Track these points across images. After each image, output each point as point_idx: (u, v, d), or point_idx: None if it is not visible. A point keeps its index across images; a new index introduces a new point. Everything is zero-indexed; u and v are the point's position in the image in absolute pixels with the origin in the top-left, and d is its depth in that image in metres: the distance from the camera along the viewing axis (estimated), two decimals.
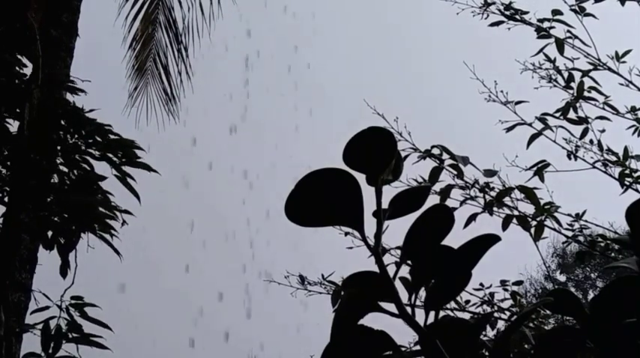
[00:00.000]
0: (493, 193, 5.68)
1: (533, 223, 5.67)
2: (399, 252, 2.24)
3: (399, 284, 1.24)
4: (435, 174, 5.36)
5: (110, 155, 5.30)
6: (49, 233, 5.12)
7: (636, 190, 6.09)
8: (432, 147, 5.46)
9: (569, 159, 6.37)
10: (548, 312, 5.57)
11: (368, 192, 1.22)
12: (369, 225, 1.22)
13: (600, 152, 6.34)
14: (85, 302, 5.08)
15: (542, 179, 5.85)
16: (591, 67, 6.47)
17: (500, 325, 5.98)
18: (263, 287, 7.62)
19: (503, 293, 6.40)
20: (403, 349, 1.32)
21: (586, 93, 6.37)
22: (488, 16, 6.79)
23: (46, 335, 4.89)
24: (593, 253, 6.29)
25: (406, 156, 5.56)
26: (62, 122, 5.32)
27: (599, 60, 6.51)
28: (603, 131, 6.35)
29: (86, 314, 5.04)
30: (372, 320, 1.22)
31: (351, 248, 6.03)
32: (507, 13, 6.72)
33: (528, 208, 5.70)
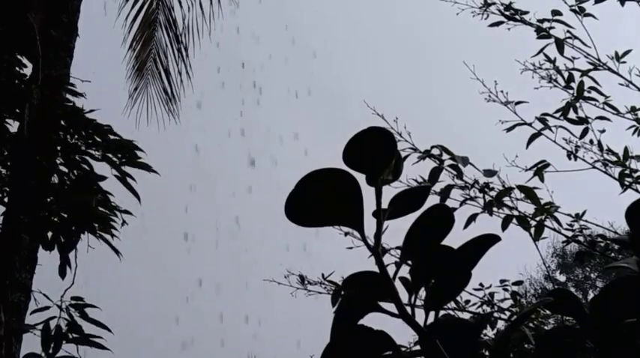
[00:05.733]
0: (493, 193, 5.68)
1: (533, 223, 5.67)
2: (399, 252, 2.24)
3: (399, 284, 1.24)
4: (434, 175, 5.35)
5: (110, 155, 5.30)
6: (49, 233, 5.12)
7: (636, 190, 6.09)
8: (432, 147, 5.45)
9: (569, 159, 6.36)
10: (548, 312, 5.57)
11: (368, 192, 1.22)
12: (369, 225, 1.22)
13: (600, 152, 6.33)
14: (85, 303, 5.08)
15: (542, 179, 5.85)
16: (591, 67, 6.47)
17: (500, 325, 5.98)
18: (263, 286, 7.61)
19: (503, 294, 6.40)
20: (403, 349, 1.32)
21: (586, 94, 6.37)
22: (488, 16, 6.79)
23: (46, 335, 4.89)
24: (593, 253, 6.29)
25: (406, 157, 5.56)
26: (62, 122, 5.32)
27: (599, 60, 6.51)
28: (603, 131, 6.35)
29: (86, 315, 5.04)
30: (372, 321, 1.22)
31: (351, 248, 6.03)
32: (507, 13, 6.72)
33: (528, 208, 5.70)
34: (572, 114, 6.33)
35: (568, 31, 6.48)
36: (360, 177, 1.21)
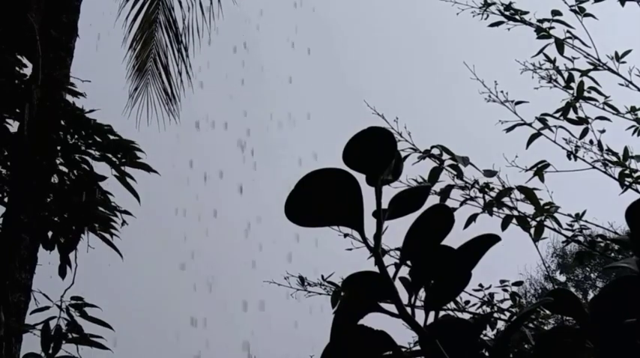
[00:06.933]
0: (493, 193, 5.67)
1: (533, 223, 5.67)
2: (398, 253, 2.24)
3: (399, 285, 1.23)
4: (434, 175, 5.35)
5: (110, 155, 5.31)
6: (49, 233, 5.12)
7: (636, 190, 6.09)
8: (432, 147, 5.45)
9: (569, 159, 6.36)
10: (548, 312, 5.57)
11: (368, 192, 1.22)
12: (369, 225, 1.22)
13: (600, 152, 6.33)
14: (85, 303, 5.08)
15: (542, 179, 5.85)
16: (591, 67, 6.46)
17: (500, 325, 5.97)
18: (262, 288, 7.61)
19: (503, 294, 6.40)
20: (403, 349, 1.32)
21: (586, 94, 6.36)
22: (488, 16, 6.79)
23: (46, 335, 4.89)
24: (593, 253, 6.28)
25: (406, 157, 5.56)
26: (62, 122, 5.33)
27: (598, 60, 6.51)
28: (603, 131, 6.35)
29: (86, 314, 5.04)
30: (372, 321, 1.22)
31: (350, 249, 6.03)
32: (507, 13, 6.72)
33: (528, 208, 5.70)
34: (572, 115, 6.32)
35: (568, 31, 6.48)
36: (360, 177, 1.21)
